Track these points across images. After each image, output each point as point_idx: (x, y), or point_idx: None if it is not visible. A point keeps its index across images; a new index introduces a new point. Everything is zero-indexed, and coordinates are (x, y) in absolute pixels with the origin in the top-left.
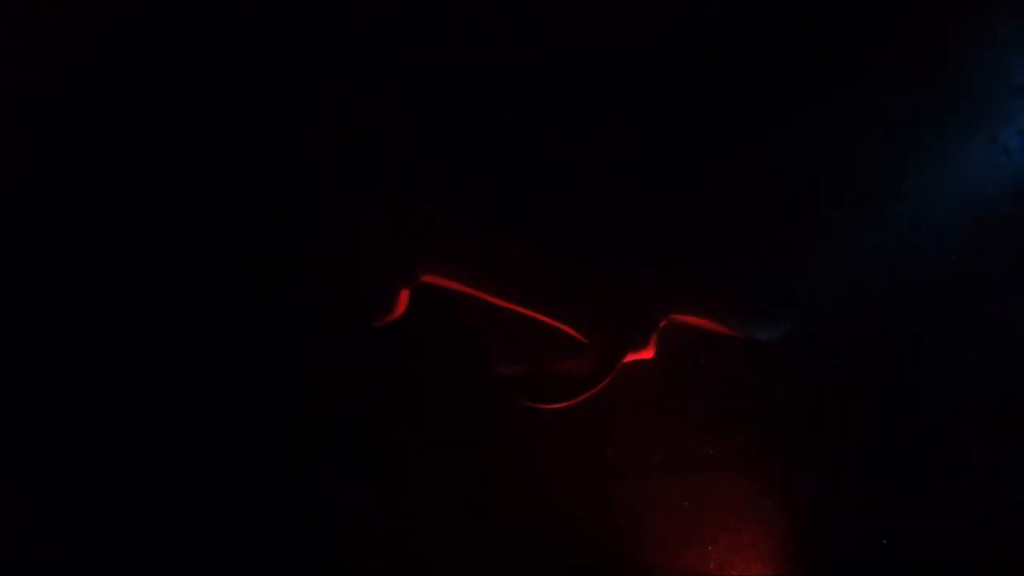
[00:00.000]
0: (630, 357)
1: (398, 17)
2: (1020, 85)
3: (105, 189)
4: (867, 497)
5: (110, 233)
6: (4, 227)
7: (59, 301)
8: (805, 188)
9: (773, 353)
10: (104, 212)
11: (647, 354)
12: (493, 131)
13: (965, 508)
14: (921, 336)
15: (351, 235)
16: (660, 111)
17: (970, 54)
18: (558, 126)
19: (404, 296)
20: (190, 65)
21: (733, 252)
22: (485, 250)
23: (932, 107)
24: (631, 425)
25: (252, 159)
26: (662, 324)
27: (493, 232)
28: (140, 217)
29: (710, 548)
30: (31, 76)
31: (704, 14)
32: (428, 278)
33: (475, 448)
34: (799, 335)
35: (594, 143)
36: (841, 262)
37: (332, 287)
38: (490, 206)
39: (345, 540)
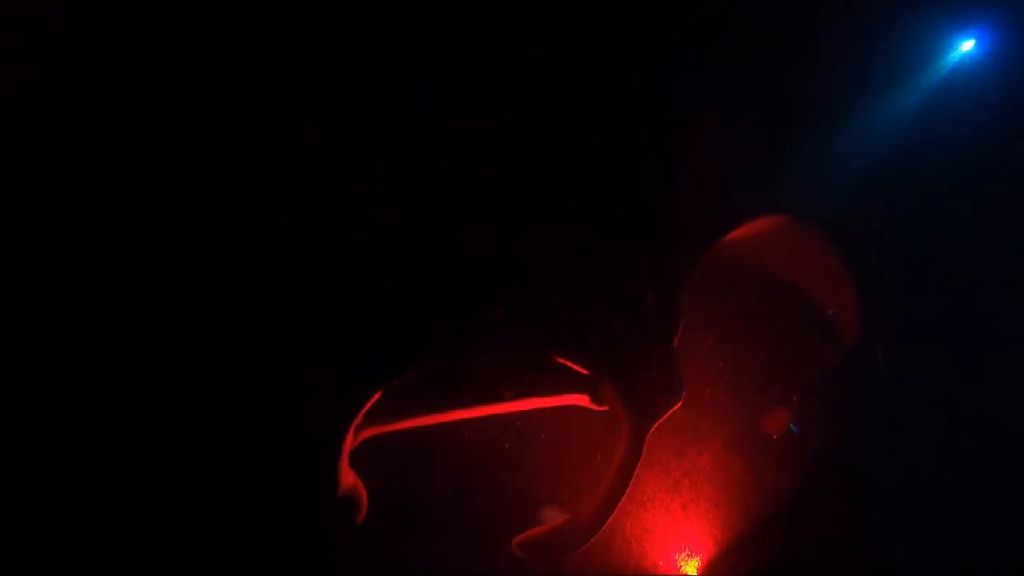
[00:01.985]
0: (663, 418)
1: (398, 17)
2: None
3: (105, 189)
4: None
5: (110, 232)
6: (4, 226)
7: (59, 300)
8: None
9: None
10: (104, 212)
11: (677, 404)
12: (493, 131)
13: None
14: None
15: (351, 235)
16: (660, 111)
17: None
18: (558, 126)
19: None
20: (190, 65)
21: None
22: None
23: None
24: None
25: (252, 159)
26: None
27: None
28: (140, 217)
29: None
30: (31, 76)
31: (704, 14)
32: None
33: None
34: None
35: (594, 143)
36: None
37: (332, 287)
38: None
39: (345, 540)
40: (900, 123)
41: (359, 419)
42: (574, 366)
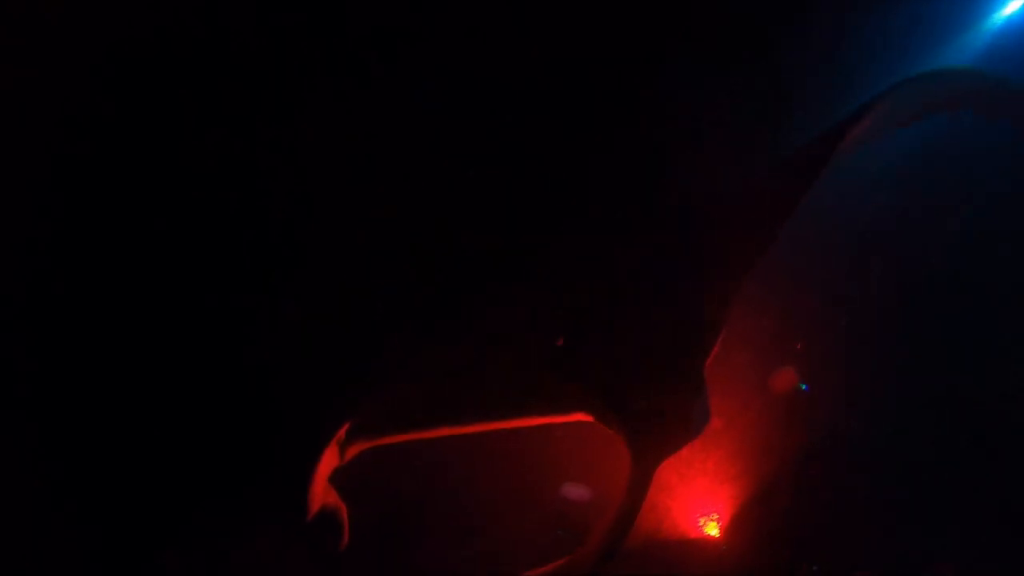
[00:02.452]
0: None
1: (398, 17)
2: None
3: (105, 189)
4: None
5: (110, 232)
6: (4, 226)
7: (59, 300)
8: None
9: None
10: (104, 211)
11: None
12: (493, 131)
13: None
14: None
15: (351, 235)
16: (660, 111)
17: None
18: (558, 126)
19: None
20: (190, 65)
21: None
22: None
23: None
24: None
25: (252, 159)
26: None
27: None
28: (140, 217)
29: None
30: (31, 76)
31: (702, 15)
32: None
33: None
34: None
35: (593, 143)
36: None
37: (332, 287)
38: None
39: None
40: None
41: (342, 436)
42: (575, 392)
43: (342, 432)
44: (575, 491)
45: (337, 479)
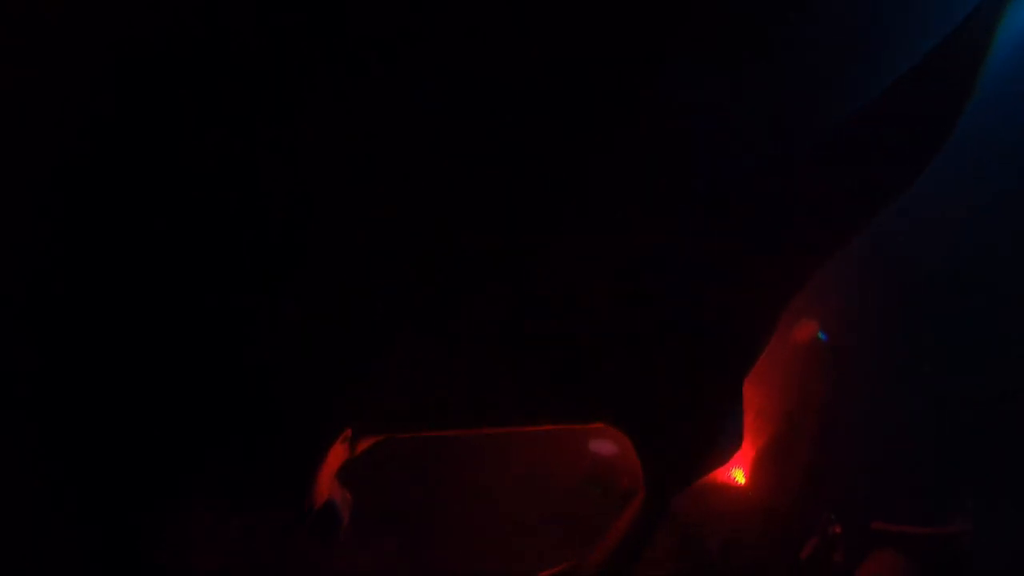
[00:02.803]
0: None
1: (398, 17)
2: None
3: (105, 189)
4: None
5: (110, 233)
6: (4, 226)
7: (59, 300)
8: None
9: None
10: (104, 212)
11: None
12: (493, 131)
13: None
14: None
15: (351, 235)
16: (660, 112)
17: None
18: (558, 126)
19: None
20: (190, 65)
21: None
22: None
23: None
24: None
25: (252, 159)
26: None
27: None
28: (140, 217)
29: None
30: (31, 76)
31: (703, 15)
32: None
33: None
34: None
35: (593, 143)
36: None
37: (332, 287)
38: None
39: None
40: None
41: (348, 435)
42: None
43: (347, 432)
44: (604, 447)
45: (343, 476)
